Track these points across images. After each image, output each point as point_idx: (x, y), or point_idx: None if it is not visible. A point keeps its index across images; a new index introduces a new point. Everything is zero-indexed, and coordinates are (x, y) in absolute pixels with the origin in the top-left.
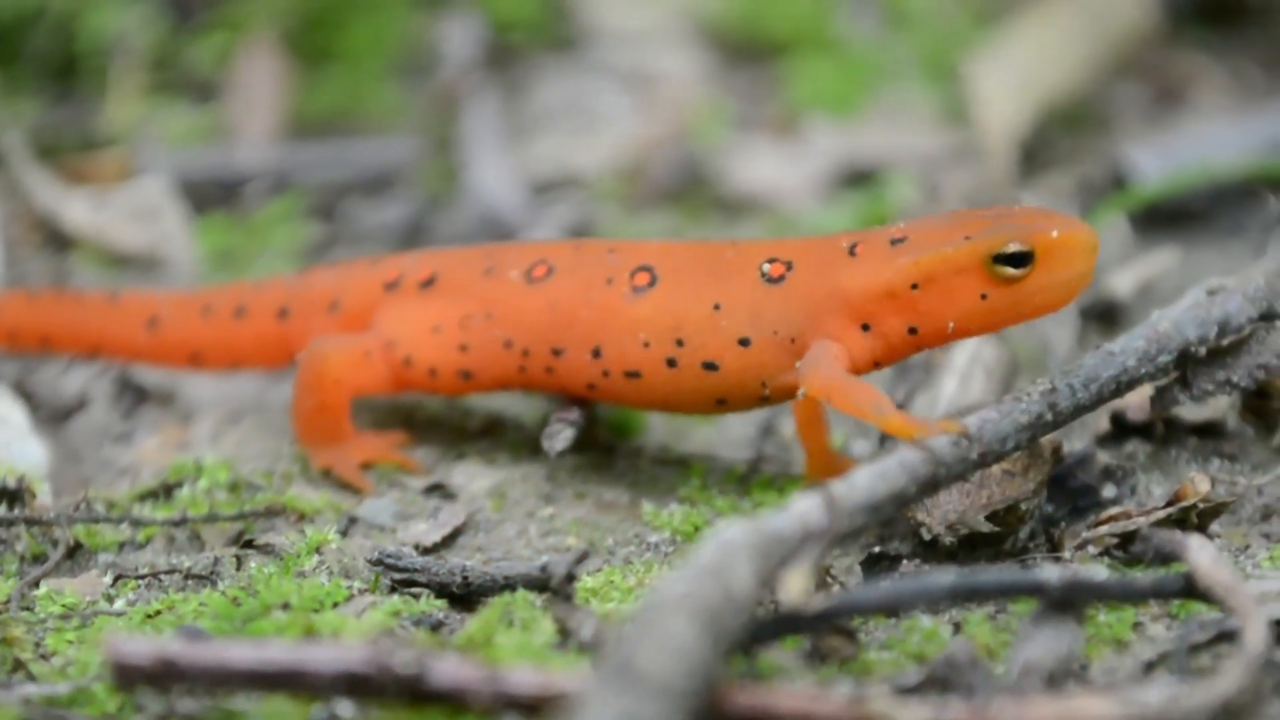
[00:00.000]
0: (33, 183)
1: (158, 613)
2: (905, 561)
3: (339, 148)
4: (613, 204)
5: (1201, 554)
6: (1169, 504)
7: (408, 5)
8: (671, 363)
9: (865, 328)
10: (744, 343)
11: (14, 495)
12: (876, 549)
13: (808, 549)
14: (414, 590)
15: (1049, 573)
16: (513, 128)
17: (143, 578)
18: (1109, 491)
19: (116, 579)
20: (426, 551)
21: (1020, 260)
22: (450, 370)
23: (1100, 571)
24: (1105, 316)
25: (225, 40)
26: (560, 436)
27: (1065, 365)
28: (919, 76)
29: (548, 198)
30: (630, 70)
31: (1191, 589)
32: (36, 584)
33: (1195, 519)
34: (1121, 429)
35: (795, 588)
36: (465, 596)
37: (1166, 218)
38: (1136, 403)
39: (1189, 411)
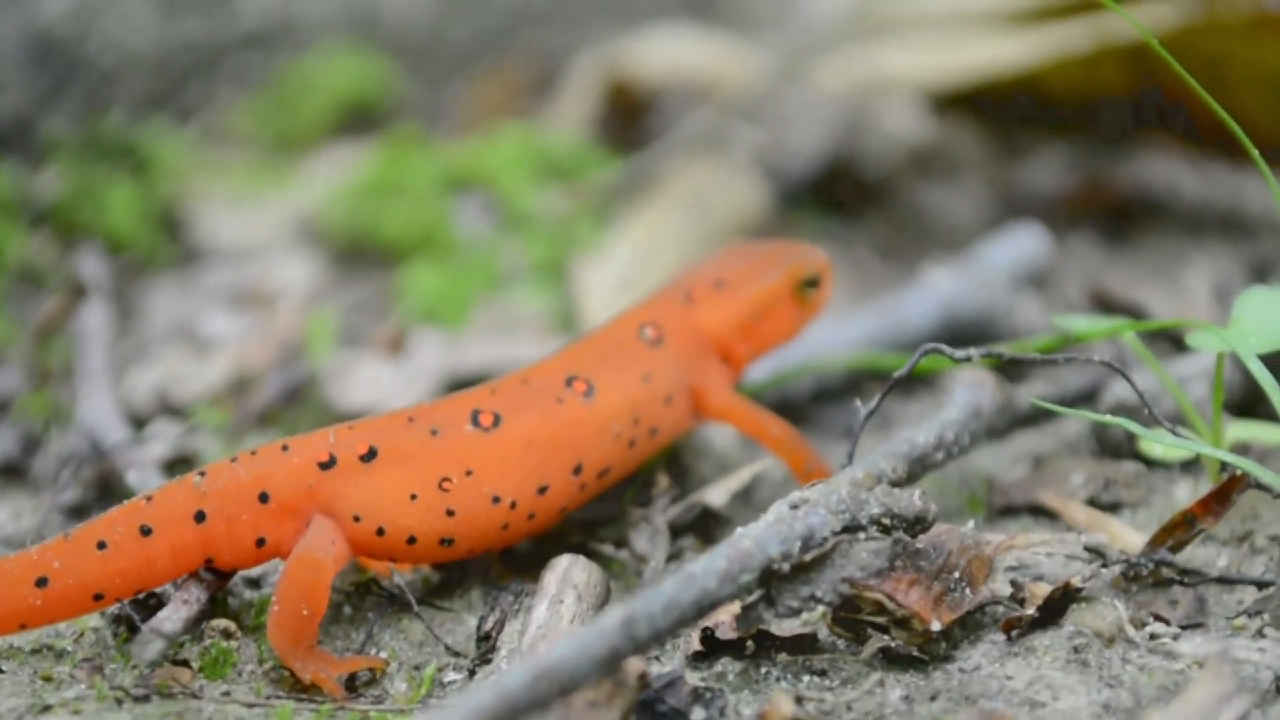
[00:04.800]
0: None
1: None
2: None
3: None
4: (214, 431)
5: None
6: None
7: (21, 229)
8: (632, 443)
9: (725, 361)
10: (668, 400)
11: None
12: None
13: None
14: None
15: None
16: (124, 352)
17: None
18: (698, 715)
19: None
20: None
21: (816, 282)
22: (431, 538)
23: None
24: (701, 528)
25: None
26: (151, 646)
27: (647, 590)
28: (532, 280)
29: (153, 428)
30: (243, 288)
31: None
32: None
33: None
34: (712, 646)
35: None
36: None
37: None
38: (727, 619)
39: (780, 625)
